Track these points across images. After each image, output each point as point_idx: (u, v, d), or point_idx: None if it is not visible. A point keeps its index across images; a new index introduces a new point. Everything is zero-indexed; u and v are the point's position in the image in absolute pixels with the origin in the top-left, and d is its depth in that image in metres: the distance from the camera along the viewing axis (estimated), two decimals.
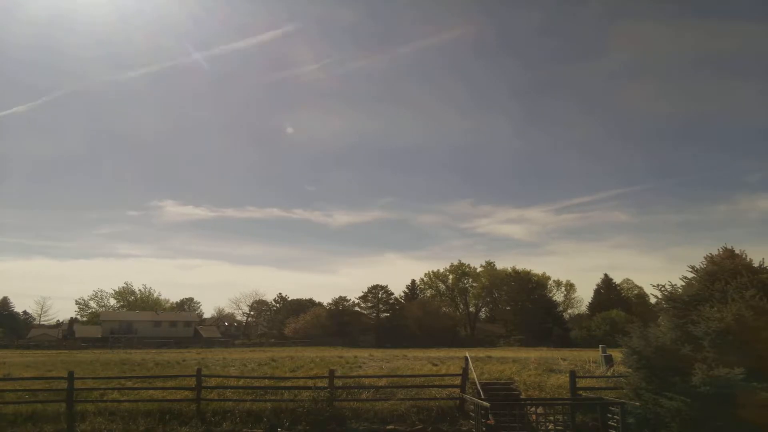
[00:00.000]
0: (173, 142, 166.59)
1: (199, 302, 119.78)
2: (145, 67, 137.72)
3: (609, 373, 20.79)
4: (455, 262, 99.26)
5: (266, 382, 21.94)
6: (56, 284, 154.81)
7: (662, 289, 17.49)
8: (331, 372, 20.10)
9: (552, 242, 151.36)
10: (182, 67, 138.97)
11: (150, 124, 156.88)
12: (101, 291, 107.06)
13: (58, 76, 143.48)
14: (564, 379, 20.10)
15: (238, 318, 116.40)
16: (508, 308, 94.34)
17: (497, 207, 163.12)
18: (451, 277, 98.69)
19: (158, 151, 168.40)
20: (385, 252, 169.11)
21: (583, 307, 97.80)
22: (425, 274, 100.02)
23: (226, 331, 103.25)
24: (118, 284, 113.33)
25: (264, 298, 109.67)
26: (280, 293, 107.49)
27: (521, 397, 19.38)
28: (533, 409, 17.89)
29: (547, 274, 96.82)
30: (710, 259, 18.54)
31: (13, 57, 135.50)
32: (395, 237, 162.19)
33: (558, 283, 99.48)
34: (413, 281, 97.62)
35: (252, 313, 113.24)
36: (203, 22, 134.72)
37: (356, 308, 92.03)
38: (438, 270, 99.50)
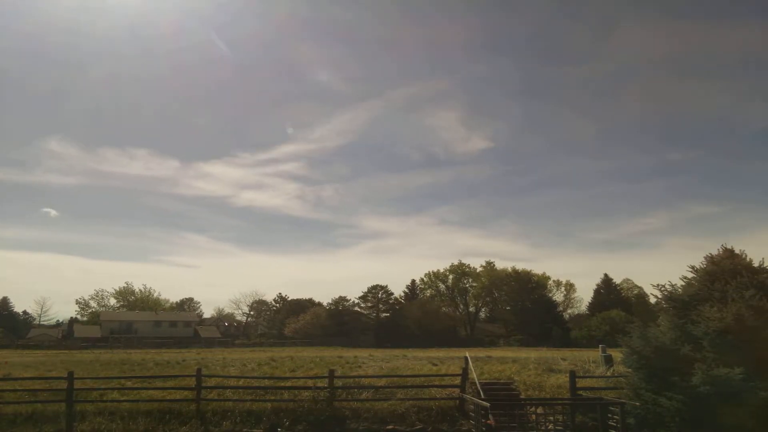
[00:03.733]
0: None
1: (199, 302, 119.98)
2: None
3: (609, 373, 20.77)
4: (455, 261, 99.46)
5: (266, 382, 21.91)
6: None
7: (662, 289, 17.48)
8: (331, 372, 20.08)
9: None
10: None
11: None
12: (102, 291, 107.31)
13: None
14: (564, 379, 20.11)
15: (238, 318, 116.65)
16: (508, 308, 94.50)
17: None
18: (451, 277, 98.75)
19: None
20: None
21: (583, 307, 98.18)
22: (425, 274, 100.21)
23: (225, 331, 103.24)
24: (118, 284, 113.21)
25: (264, 298, 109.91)
26: (280, 293, 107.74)
27: (521, 397, 19.36)
28: (533, 409, 17.87)
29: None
30: (710, 259, 18.45)
31: (43, 39, 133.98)
32: None
33: (558, 283, 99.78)
34: (413, 281, 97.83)
35: (252, 313, 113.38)
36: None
37: (356, 308, 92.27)
38: (438, 270, 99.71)
